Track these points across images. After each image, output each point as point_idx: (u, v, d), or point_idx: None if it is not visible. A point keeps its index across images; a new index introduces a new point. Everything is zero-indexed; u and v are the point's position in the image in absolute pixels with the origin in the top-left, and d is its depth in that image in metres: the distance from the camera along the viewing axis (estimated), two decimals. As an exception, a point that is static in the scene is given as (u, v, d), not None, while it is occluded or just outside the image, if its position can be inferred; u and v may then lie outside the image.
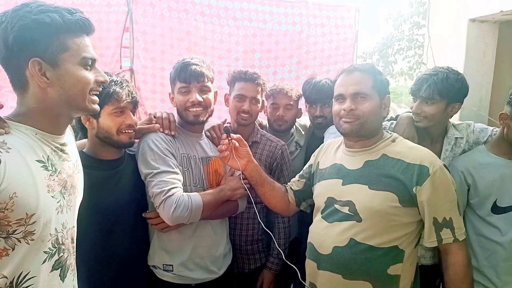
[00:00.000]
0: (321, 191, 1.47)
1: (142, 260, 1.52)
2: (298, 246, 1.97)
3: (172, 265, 1.48)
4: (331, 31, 3.48)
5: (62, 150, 1.03)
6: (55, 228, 0.95)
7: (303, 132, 2.27)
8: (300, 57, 3.46)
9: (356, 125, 1.36)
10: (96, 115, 1.35)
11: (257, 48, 3.32)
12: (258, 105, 1.85)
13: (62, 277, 0.98)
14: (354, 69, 1.40)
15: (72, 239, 1.04)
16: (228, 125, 1.85)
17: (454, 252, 1.30)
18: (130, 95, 1.40)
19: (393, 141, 1.39)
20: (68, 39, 0.94)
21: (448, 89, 1.68)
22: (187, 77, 1.51)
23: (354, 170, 1.38)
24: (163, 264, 1.49)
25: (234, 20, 3.18)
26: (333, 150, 1.54)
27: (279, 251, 1.83)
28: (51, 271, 0.94)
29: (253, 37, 3.28)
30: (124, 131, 1.40)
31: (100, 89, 1.05)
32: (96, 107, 1.04)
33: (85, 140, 1.49)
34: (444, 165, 1.32)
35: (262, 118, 2.28)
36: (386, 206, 1.27)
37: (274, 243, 1.84)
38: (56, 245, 0.95)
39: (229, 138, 1.49)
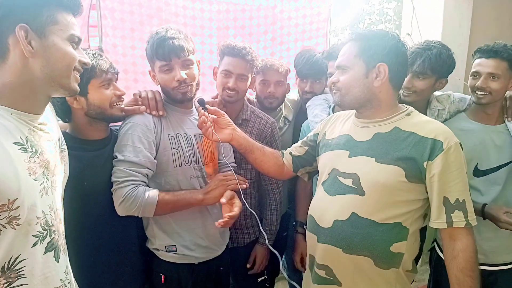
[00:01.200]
0: (326, 162, 1.43)
1: (135, 243, 1.50)
2: (288, 220, 2.02)
3: (175, 245, 1.48)
4: (305, 5, 3.44)
5: (42, 130, 0.99)
6: (42, 211, 0.93)
7: (291, 107, 2.26)
8: (275, 33, 3.42)
9: (337, 96, 1.35)
10: (83, 93, 1.30)
11: (231, 24, 3.24)
12: (247, 82, 1.80)
13: (57, 258, 0.98)
14: (348, 39, 1.35)
15: (60, 219, 1.04)
16: (215, 98, 1.83)
17: (464, 237, 1.20)
18: (111, 66, 1.37)
19: (408, 114, 1.32)
20: (58, 13, 0.93)
21: (440, 65, 1.72)
22: (166, 53, 1.42)
23: (362, 142, 1.33)
24: (165, 246, 1.48)
25: (206, -5, 3.08)
26: (342, 121, 1.49)
27: (271, 227, 1.88)
28: (44, 253, 0.93)
29: (227, 13, 3.20)
30: (115, 104, 1.37)
31: (82, 70, 1.02)
32: (77, 87, 1.01)
33: (64, 124, 1.43)
34: (460, 144, 1.24)
35: (250, 94, 2.24)
36: (392, 181, 1.22)
37: (266, 220, 1.89)
38: (46, 227, 0.94)
39: (206, 110, 1.44)
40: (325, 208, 1.35)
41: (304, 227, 1.96)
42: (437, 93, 1.92)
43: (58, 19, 0.93)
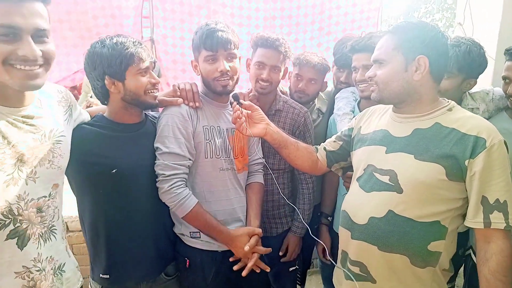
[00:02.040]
0: (361, 158, 1.38)
1: (165, 227, 1.55)
2: (320, 211, 2.00)
3: (200, 232, 1.51)
4: (355, -7, 3.32)
5: (25, 122, 1.02)
6: (6, 200, 0.97)
7: (325, 99, 2.22)
8: (322, 23, 3.34)
9: (375, 92, 1.30)
10: (121, 78, 1.35)
11: (278, 14, 3.22)
12: (280, 73, 1.78)
13: (21, 245, 1.01)
14: (385, 32, 1.30)
15: (39, 209, 1.06)
16: (249, 92, 1.83)
17: (500, 240, 1.14)
18: (149, 54, 1.40)
19: (450, 109, 1.25)
20: None
21: (469, 63, 1.56)
22: (213, 44, 1.44)
23: (400, 138, 1.28)
24: (190, 232, 1.52)
25: (254, -15, 3.09)
26: (379, 115, 1.45)
27: (303, 216, 1.86)
28: (6, 240, 0.98)
29: (274, 2, 3.18)
30: (150, 92, 1.39)
31: (25, 67, 0.95)
32: (22, 82, 0.96)
33: (102, 107, 1.50)
34: (505, 142, 1.16)
35: (284, 85, 2.23)
36: (432, 179, 1.17)
37: (299, 209, 1.87)
38: (9, 216, 0.98)
39: (240, 105, 1.45)
40: (360, 204, 1.32)
41: (329, 218, 1.95)
42: (473, 89, 1.72)
43: None
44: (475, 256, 1.58)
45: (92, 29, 2.77)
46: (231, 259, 1.53)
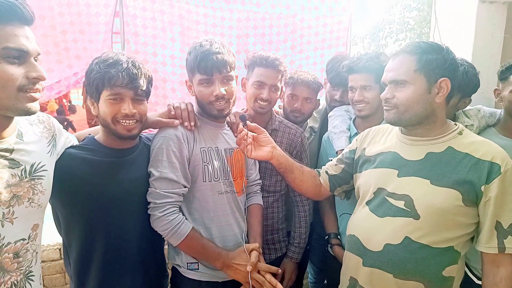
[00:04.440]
0: (369, 181, 1.34)
1: (154, 253, 1.46)
2: (310, 232, 1.97)
3: (198, 263, 1.43)
4: (325, 14, 3.42)
5: (3, 156, 0.94)
6: None
7: (316, 117, 2.22)
8: (294, 41, 3.41)
9: (393, 113, 1.25)
10: (96, 100, 1.27)
11: (251, 32, 3.25)
12: (278, 92, 1.77)
13: None
14: (400, 52, 1.27)
15: (16, 254, 0.95)
16: (244, 112, 1.79)
17: (509, 264, 1.15)
18: (130, 81, 1.24)
19: (460, 133, 1.25)
20: None
21: (466, 84, 1.65)
22: (208, 68, 1.37)
23: (413, 161, 1.24)
24: (187, 263, 1.44)
25: (227, 3, 3.10)
26: (383, 136, 1.41)
27: (300, 240, 1.81)
28: None
29: (247, 21, 3.21)
30: (120, 121, 1.26)
31: (38, 87, 0.93)
32: (33, 106, 0.93)
33: (95, 128, 1.43)
34: None
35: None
36: (448, 205, 1.15)
37: (295, 233, 1.83)
38: None
39: (245, 126, 1.40)
40: (372, 229, 1.27)
41: (338, 237, 1.87)
42: (466, 108, 1.83)
43: None
44: (467, 268, 1.61)
45: (59, 44, 2.66)
46: None
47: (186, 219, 1.40)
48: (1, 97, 0.87)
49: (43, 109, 3.11)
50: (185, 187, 1.38)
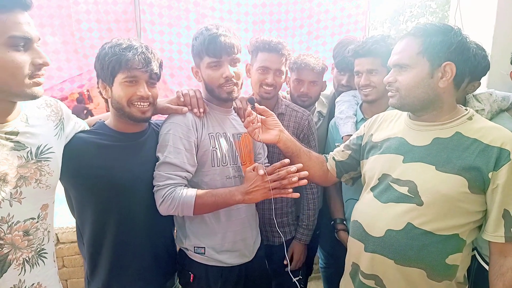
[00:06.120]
0: (374, 166, 1.32)
1: (163, 236, 1.50)
2: (320, 217, 1.98)
3: (204, 248, 1.46)
4: (343, -3, 3.34)
5: (8, 139, 0.96)
6: None
7: (325, 101, 2.20)
8: (311, 27, 3.35)
9: (396, 98, 1.24)
10: (110, 83, 1.29)
11: (267, 18, 3.22)
12: (282, 76, 1.76)
13: (0, 272, 0.95)
14: (406, 35, 1.23)
15: (26, 232, 0.99)
16: (253, 95, 1.79)
17: None
18: (145, 64, 1.27)
19: (470, 118, 1.20)
20: None
21: (475, 66, 1.59)
22: (217, 50, 1.38)
23: (419, 147, 1.22)
24: (194, 247, 1.48)
25: (242, -11, 3.08)
26: (391, 122, 1.39)
27: (308, 222, 1.83)
28: None
29: (263, 7, 3.17)
30: (135, 103, 1.29)
31: (42, 72, 0.95)
32: (39, 91, 0.96)
33: (106, 113, 1.45)
34: None
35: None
36: (454, 192, 1.12)
37: (303, 215, 1.84)
38: None
39: (254, 109, 1.40)
40: (375, 215, 1.26)
41: (344, 222, 1.88)
42: (477, 91, 1.77)
43: None
44: (480, 257, 1.59)
45: (75, 34, 2.69)
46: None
47: None
48: (10, 84, 0.90)
49: (64, 98, 3.18)
50: (188, 172, 1.40)
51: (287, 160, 1.34)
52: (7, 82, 0.89)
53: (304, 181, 1.32)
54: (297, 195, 1.36)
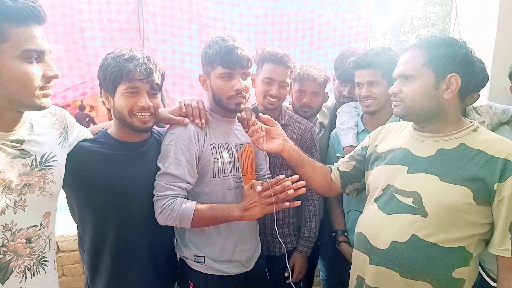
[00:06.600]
0: (379, 177, 1.32)
1: (167, 248, 1.51)
2: (320, 228, 1.96)
3: (204, 257, 1.46)
4: (344, 9, 3.38)
5: (14, 147, 0.98)
6: None
7: (326, 112, 2.21)
8: (313, 38, 3.38)
9: (400, 108, 1.24)
10: (112, 93, 1.30)
11: (269, 28, 3.25)
12: (287, 88, 1.78)
13: (2, 279, 0.95)
14: (411, 46, 1.24)
15: (29, 239, 1.00)
16: (257, 105, 1.79)
17: None
18: (147, 75, 1.28)
19: (475, 130, 1.20)
20: (8, 28, 0.86)
21: (474, 79, 1.61)
22: (232, 62, 1.38)
23: (423, 158, 1.21)
24: (193, 256, 1.47)
25: (245, 0, 3.11)
26: (396, 133, 1.39)
27: (310, 234, 1.81)
28: None
29: (265, 17, 3.21)
30: (136, 114, 1.30)
31: (52, 84, 0.98)
32: (47, 102, 0.98)
33: (109, 122, 1.46)
34: None
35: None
36: (458, 202, 1.11)
37: (305, 227, 1.83)
38: None
39: (258, 119, 1.40)
40: (380, 227, 1.25)
41: (346, 234, 1.86)
42: (476, 103, 1.77)
43: (8, 35, 0.86)
44: (483, 271, 1.56)
45: (78, 42, 2.72)
46: None
47: None
48: (21, 95, 0.92)
49: (66, 105, 3.20)
50: (188, 183, 1.40)
51: (282, 176, 1.34)
52: (18, 93, 0.91)
53: (303, 190, 1.32)
54: (298, 203, 1.36)
